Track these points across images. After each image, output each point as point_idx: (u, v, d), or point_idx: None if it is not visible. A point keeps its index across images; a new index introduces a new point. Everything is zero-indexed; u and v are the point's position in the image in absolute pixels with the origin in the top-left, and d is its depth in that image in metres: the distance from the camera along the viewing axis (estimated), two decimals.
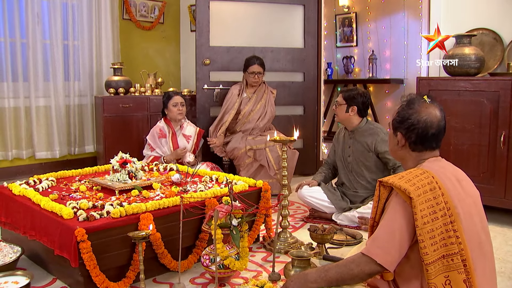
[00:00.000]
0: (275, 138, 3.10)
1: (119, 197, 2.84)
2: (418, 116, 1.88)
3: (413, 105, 1.92)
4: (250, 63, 4.60)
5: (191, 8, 6.57)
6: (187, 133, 4.47)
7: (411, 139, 1.91)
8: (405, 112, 1.92)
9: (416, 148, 1.92)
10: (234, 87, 4.74)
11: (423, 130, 1.87)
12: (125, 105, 5.24)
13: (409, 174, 1.76)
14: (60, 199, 2.81)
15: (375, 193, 1.85)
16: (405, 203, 1.71)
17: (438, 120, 1.88)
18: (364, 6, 7.88)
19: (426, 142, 1.90)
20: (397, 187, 1.72)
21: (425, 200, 1.68)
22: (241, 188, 3.08)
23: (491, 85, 3.60)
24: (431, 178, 1.74)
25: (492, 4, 4.10)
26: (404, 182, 1.71)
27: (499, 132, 3.56)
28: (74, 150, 5.73)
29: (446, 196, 1.72)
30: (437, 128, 1.88)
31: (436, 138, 1.90)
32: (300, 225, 3.68)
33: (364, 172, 3.64)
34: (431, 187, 1.71)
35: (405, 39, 7.21)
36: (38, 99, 5.39)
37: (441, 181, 1.75)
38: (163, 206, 2.65)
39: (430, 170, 1.78)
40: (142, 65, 6.19)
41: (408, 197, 1.68)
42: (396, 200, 1.74)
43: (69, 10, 5.61)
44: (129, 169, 3.07)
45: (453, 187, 1.77)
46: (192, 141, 4.45)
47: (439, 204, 1.70)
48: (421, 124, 1.87)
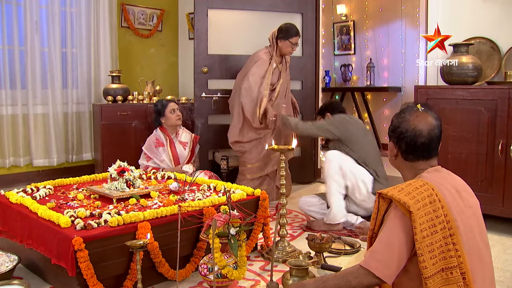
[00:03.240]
0: (273, 147, 3.10)
1: (116, 206, 2.84)
2: (407, 124, 1.87)
3: (404, 113, 1.91)
4: (293, 32, 4.33)
5: (189, 16, 6.59)
6: (183, 140, 4.46)
7: (402, 148, 1.90)
8: (396, 121, 1.93)
9: (408, 158, 1.91)
10: (263, 53, 4.40)
11: (412, 139, 1.86)
12: (123, 113, 5.23)
13: (409, 187, 1.75)
14: (57, 207, 2.80)
15: (374, 205, 1.83)
16: (404, 216, 1.69)
17: (429, 129, 1.86)
18: (362, 14, 7.92)
19: (416, 151, 1.88)
20: (397, 200, 1.70)
21: (425, 213, 1.67)
22: (239, 197, 3.07)
23: (488, 94, 3.62)
24: (431, 190, 1.72)
25: (489, 13, 4.12)
26: (404, 195, 1.69)
27: (497, 140, 3.56)
28: (71, 158, 5.72)
29: (445, 208, 1.71)
30: (428, 137, 1.86)
31: (427, 147, 1.87)
32: (298, 234, 3.68)
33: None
34: (430, 200, 1.70)
35: (402, 47, 7.24)
36: (36, 106, 5.38)
37: (441, 193, 1.74)
38: (161, 215, 2.65)
39: (430, 182, 1.76)
40: (140, 73, 6.19)
41: (408, 211, 1.67)
42: (395, 213, 1.73)
43: (68, 18, 5.62)
44: (127, 177, 3.07)
45: (453, 199, 1.76)
46: (188, 148, 4.44)
47: (439, 217, 1.69)
48: (410, 133, 1.86)
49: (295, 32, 4.35)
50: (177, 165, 4.30)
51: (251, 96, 4.29)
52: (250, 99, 4.29)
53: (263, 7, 5.12)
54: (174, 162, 4.31)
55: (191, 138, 4.51)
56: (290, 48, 4.37)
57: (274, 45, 4.40)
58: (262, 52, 4.42)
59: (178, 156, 4.35)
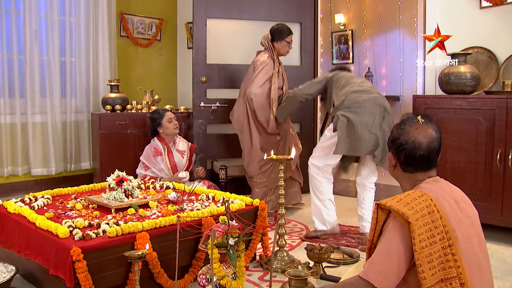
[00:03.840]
0: (272, 157, 3.10)
1: (115, 216, 2.83)
2: (407, 136, 1.88)
3: (404, 125, 1.92)
4: (287, 32, 4.40)
5: (188, 25, 6.61)
6: (181, 149, 4.44)
7: (401, 159, 1.91)
8: (396, 132, 1.94)
9: (407, 169, 1.92)
10: (266, 58, 4.38)
11: (411, 151, 1.87)
12: (122, 122, 5.23)
13: (407, 197, 1.75)
14: (55, 217, 2.79)
15: (372, 216, 1.83)
16: (403, 227, 1.69)
17: (429, 141, 1.87)
18: (360, 23, 7.93)
19: (415, 163, 1.88)
20: (395, 211, 1.70)
21: (423, 224, 1.67)
22: (238, 207, 3.07)
23: (486, 103, 3.63)
24: (430, 201, 1.73)
25: (486, 23, 4.15)
26: (402, 206, 1.70)
27: (495, 150, 3.57)
28: (70, 167, 5.71)
29: (444, 219, 1.71)
30: (427, 150, 1.86)
31: (427, 160, 1.88)
32: (297, 244, 3.67)
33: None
34: (429, 210, 1.70)
35: (400, 57, 7.24)
36: (35, 115, 5.39)
37: (440, 203, 1.74)
38: (160, 225, 2.64)
39: (428, 193, 1.77)
40: (139, 82, 6.20)
41: (406, 222, 1.67)
42: (393, 223, 1.73)
43: (67, 27, 5.64)
44: (125, 187, 3.06)
45: (451, 210, 1.76)
46: (186, 156, 4.42)
47: (437, 227, 1.69)
48: (409, 145, 1.87)
49: (289, 31, 4.44)
50: (175, 173, 4.29)
51: (262, 104, 4.33)
52: (262, 107, 4.33)
53: (261, 17, 5.15)
54: (172, 171, 4.30)
55: (188, 146, 4.50)
56: (287, 48, 4.46)
57: (271, 48, 4.43)
58: (264, 57, 4.41)
59: (176, 164, 4.34)
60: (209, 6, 5.00)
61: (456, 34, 4.21)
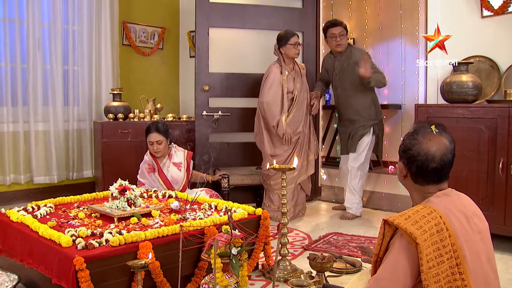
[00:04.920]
0: (274, 166, 3.10)
1: (118, 225, 2.83)
2: (419, 147, 1.82)
3: (417, 135, 1.85)
4: (290, 35, 4.54)
5: (190, 34, 6.64)
6: (177, 161, 4.28)
7: (412, 170, 1.85)
8: (408, 142, 1.86)
9: (418, 181, 1.86)
10: (274, 67, 4.60)
11: (423, 163, 1.81)
12: (124, 130, 5.24)
13: (416, 215, 1.71)
14: (58, 226, 2.79)
15: (379, 231, 1.80)
16: (410, 246, 1.66)
17: (442, 153, 1.80)
18: (361, 32, 7.96)
19: (427, 175, 1.83)
20: (403, 230, 1.66)
21: (431, 243, 1.64)
22: (240, 216, 3.07)
23: (488, 112, 3.64)
24: (439, 218, 1.69)
25: (488, 32, 4.17)
26: (411, 225, 1.66)
27: (497, 159, 3.57)
28: (72, 175, 5.72)
29: (453, 237, 1.68)
30: (440, 162, 1.80)
31: (439, 172, 1.82)
32: (299, 253, 3.67)
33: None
34: (438, 229, 1.67)
35: (402, 65, 7.26)
36: (37, 123, 5.40)
37: (449, 221, 1.70)
38: (162, 234, 2.64)
39: (438, 209, 1.72)
40: (141, 90, 6.21)
41: (414, 241, 1.63)
42: (400, 241, 1.70)
43: (70, 35, 5.67)
44: (128, 196, 3.07)
45: (461, 227, 1.72)
46: (183, 168, 4.27)
47: (446, 246, 1.66)
48: (421, 157, 1.80)
49: (291, 34, 4.56)
50: (170, 189, 4.08)
51: (272, 107, 4.51)
52: (272, 112, 4.51)
53: (263, 26, 5.18)
54: (167, 187, 4.15)
55: (185, 156, 4.34)
56: (294, 49, 4.55)
57: (279, 55, 4.60)
58: (272, 65, 4.62)
59: (169, 181, 4.19)
60: (211, 15, 5.03)
61: (458, 43, 4.23)
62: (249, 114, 4.91)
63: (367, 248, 3.49)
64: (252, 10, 5.19)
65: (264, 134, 4.58)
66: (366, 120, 4.75)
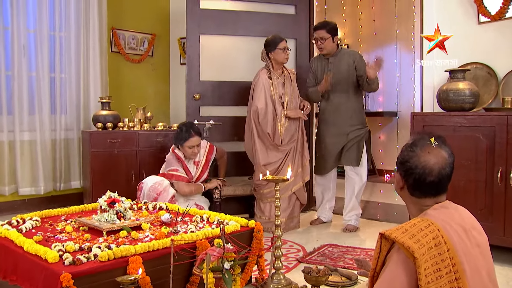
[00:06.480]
0: (267, 177, 3.09)
1: (107, 239, 2.80)
2: (417, 160, 1.81)
3: (415, 147, 1.84)
4: (278, 39, 4.54)
5: (181, 41, 6.63)
6: (197, 159, 4.54)
7: (409, 183, 1.85)
8: (406, 153, 1.86)
9: (415, 194, 1.86)
10: (261, 73, 4.60)
11: (420, 176, 1.80)
12: (113, 140, 5.21)
13: (413, 228, 1.70)
14: (44, 240, 2.76)
15: (376, 245, 1.79)
16: (407, 260, 1.65)
17: (440, 167, 1.80)
18: (356, 38, 8.00)
19: (424, 189, 1.83)
20: (401, 244, 1.65)
21: (430, 257, 1.63)
22: (233, 229, 3.05)
23: (486, 121, 3.64)
24: (437, 231, 1.68)
25: (485, 38, 4.19)
26: (408, 238, 1.65)
27: (496, 168, 3.57)
28: (59, 186, 5.67)
29: (452, 251, 1.67)
30: (438, 176, 1.80)
31: (436, 186, 1.82)
32: (293, 266, 3.65)
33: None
34: (436, 242, 1.66)
35: (397, 72, 7.30)
36: (23, 133, 5.37)
37: (447, 234, 1.69)
38: (153, 248, 2.61)
39: (435, 222, 1.71)
40: (131, 99, 6.19)
41: (412, 255, 1.62)
42: (398, 255, 1.68)
43: (57, 42, 5.65)
44: (117, 209, 3.04)
45: (460, 240, 1.71)
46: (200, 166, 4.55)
47: (444, 260, 1.65)
48: (419, 170, 1.80)
49: (279, 38, 4.56)
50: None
51: (267, 115, 4.49)
52: (267, 119, 4.50)
53: (256, 33, 5.18)
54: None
55: (205, 151, 4.59)
56: (283, 54, 4.56)
57: (267, 60, 4.60)
58: (260, 71, 4.62)
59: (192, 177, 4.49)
60: (202, 22, 5.03)
61: (454, 50, 4.24)
62: (241, 123, 4.90)
63: (363, 261, 3.48)
64: (244, 17, 5.20)
65: (257, 142, 4.54)
66: (361, 125, 4.74)
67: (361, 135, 4.70)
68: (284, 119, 4.54)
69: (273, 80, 4.56)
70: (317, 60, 4.89)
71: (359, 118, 4.75)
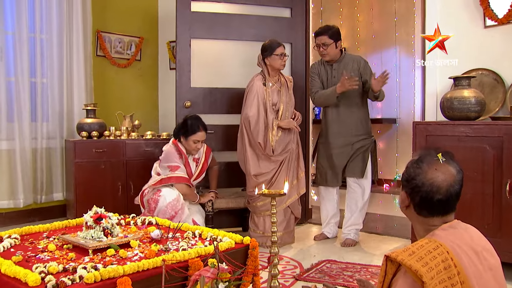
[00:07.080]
0: (263, 191, 3.04)
1: (93, 258, 2.74)
2: (424, 178, 1.79)
3: (422, 163, 1.82)
4: (275, 44, 4.51)
5: (170, 44, 6.59)
6: (197, 156, 4.57)
7: (415, 201, 1.83)
8: (412, 170, 1.84)
9: (422, 213, 1.84)
10: (256, 79, 4.57)
11: (427, 195, 1.78)
12: (99, 149, 5.15)
13: (420, 250, 1.67)
14: (24, 261, 2.68)
15: (381, 267, 1.76)
16: (415, 284, 1.61)
17: (449, 185, 1.78)
18: (353, 41, 8.02)
19: (432, 207, 1.80)
20: (408, 267, 1.61)
21: (439, 282, 1.60)
22: (227, 246, 2.99)
23: (493, 130, 3.62)
24: (446, 254, 1.65)
25: (492, 43, 4.17)
26: (415, 261, 1.61)
27: (504, 180, 3.56)
28: (40, 199, 5.58)
29: (462, 275, 1.64)
30: (446, 194, 1.78)
31: (444, 204, 1.79)
32: (290, 283, 3.61)
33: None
34: (445, 266, 1.63)
35: (397, 77, 7.30)
36: (1, 142, 5.30)
37: (457, 256, 1.67)
38: (143, 268, 2.55)
39: (444, 244, 1.69)
40: (117, 105, 6.14)
41: (420, 280, 1.59)
42: (405, 279, 1.65)
43: (37, 45, 5.58)
44: (104, 225, 2.98)
45: (470, 263, 1.69)
46: (200, 164, 4.56)
47: (454, 285, 1.62)
48: (426, 188, 1.78)
49: (277, 44, 4.53)
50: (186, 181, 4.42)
51: (258, 124, 4.46)
52: (258, 128, 4.46)
53: (249, 37, 5.15)
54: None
55: (204, 150, 4.61)
56: (280, 60, 4.53)
57: (263, 66, 4.57)
58: (254, 77, 4.58)
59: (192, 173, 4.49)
60: (193, 25, 4.99)
61: (459, 55, 4.22)
62: (234, 132, 4.86)
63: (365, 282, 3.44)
64: (238, 20, 5.16)
65: (248, 150, 4.51)
66: (367, 135, 4.73)
67: (367, 145, 4.67)
68: (277, 129, 4.50)
69: (267, 87, 4.52)
70: (319, 65, 4.84)
71: (365, 128, 4.74)
